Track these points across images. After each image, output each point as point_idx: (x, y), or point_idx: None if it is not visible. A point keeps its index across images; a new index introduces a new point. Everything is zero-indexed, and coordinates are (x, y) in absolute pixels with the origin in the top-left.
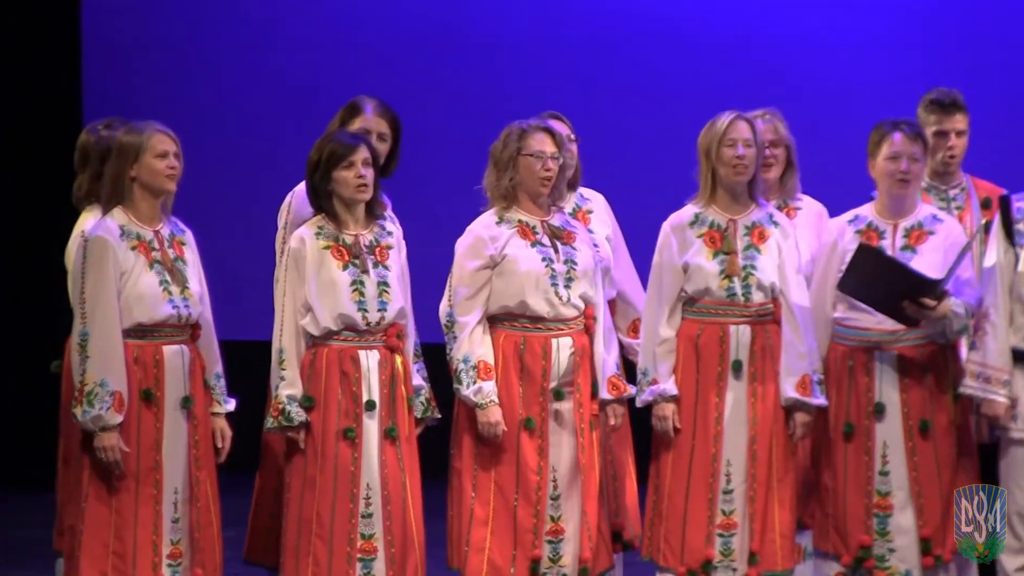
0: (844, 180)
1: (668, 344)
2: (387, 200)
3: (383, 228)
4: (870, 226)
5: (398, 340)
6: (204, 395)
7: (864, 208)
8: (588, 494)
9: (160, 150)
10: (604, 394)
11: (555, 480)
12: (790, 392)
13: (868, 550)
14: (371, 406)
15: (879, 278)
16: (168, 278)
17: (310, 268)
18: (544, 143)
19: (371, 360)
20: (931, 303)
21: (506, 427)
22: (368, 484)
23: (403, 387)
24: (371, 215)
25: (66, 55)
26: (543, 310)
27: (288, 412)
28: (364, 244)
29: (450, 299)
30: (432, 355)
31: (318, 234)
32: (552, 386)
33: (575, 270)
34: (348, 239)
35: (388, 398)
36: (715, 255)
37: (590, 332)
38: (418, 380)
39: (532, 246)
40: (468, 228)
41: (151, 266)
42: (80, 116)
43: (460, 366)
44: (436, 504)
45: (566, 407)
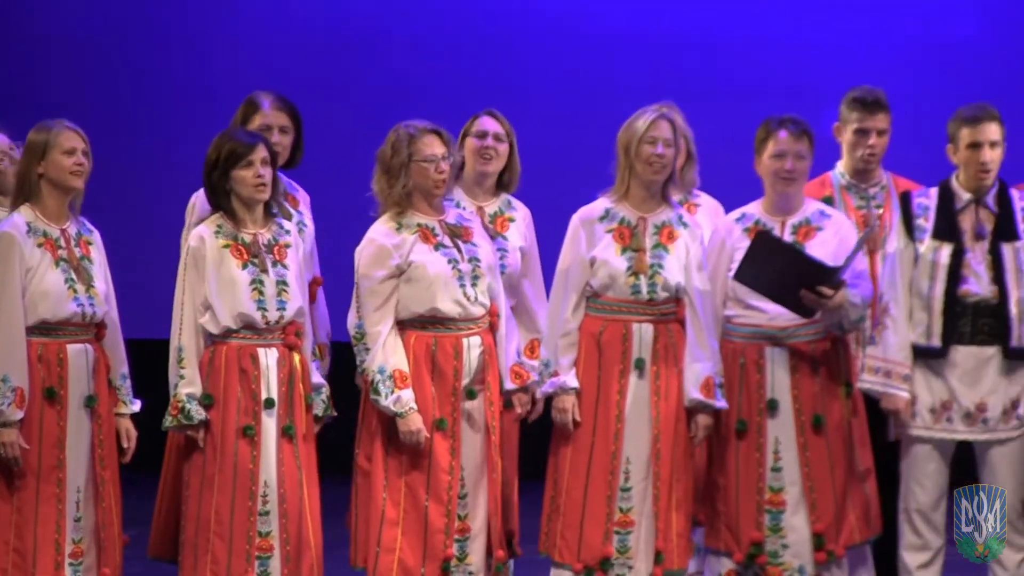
0: (742, 178)
1: (571, 336)
2: (306, 195)
3: (281, 227)
4: (757, 223)
5: (296, 338)
6: (109, 395)
7: (751, 206)
8: (495, 491)
9: (68, 147)
10: (508, 384)
11: (463, 479)
12: (694, 393)
13: (760, 546)
14: (270, 404)
15: (776, 266)
16: (74, 276)
17: (210, 266)
18: (434, 146)
19: (270, 358)
20: (828, 292)
21: (427, 433)
22: (266, 482)
23: (301, 385)
24: (269, 214)
25: None
26: (454, 312)
27: (188, 410)
28: (263, 243)
29: (358, 310)
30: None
31: (217, 233)
32: (464, 384)
33: (479, 267)
34: (247, 238)
35: (286, 396)
36: (623, 251)
37: (494, 329)
38: (317, 378)
39: (436, 249)
40: (367, 237)
41: (56, 264)
42: None
43: (376, 376)
44: None
45: (476, 406)
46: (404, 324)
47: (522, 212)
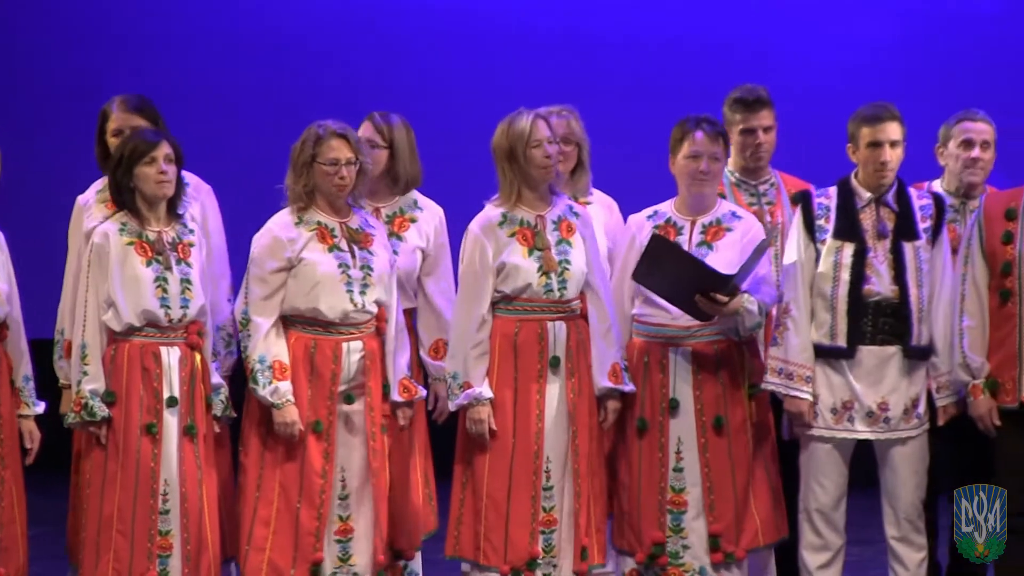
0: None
1: (482, 346)
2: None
3: (185, 226)
4: (668, 222)
5: (199, 338)
6: (11, 396)
7: (664, 204)
8: (379, 496)
9: None
10: (395, 396)
11: (344, 480)
12: (604, 381)
13: (661, 547)
14: (172, 402)
15: (672, 270)
16: None
17: (114, 264)
18: (339, 150)
19: (172, 357)
20: (722, 299)
21: (303, 427)
22: (166, 480)
23: (202, 385)
24: (173, 212)
25: None
26: (335, 316)
27: (91, 407)
28: (167, 241)
29: (246, 296)
30: None
31: (121, 230)
32: (341, 389)
33: (371, 276)
34: (151, 236)
35: (188, 395)
36: (530, 252)
37: (381, 334)
38: (216, 378)
39: (330, 251)
40: (266, 226)
41: None
42: None
43: (256, 366)
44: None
45: (356, 410)
46: (287, 321)
47: (429, 212)
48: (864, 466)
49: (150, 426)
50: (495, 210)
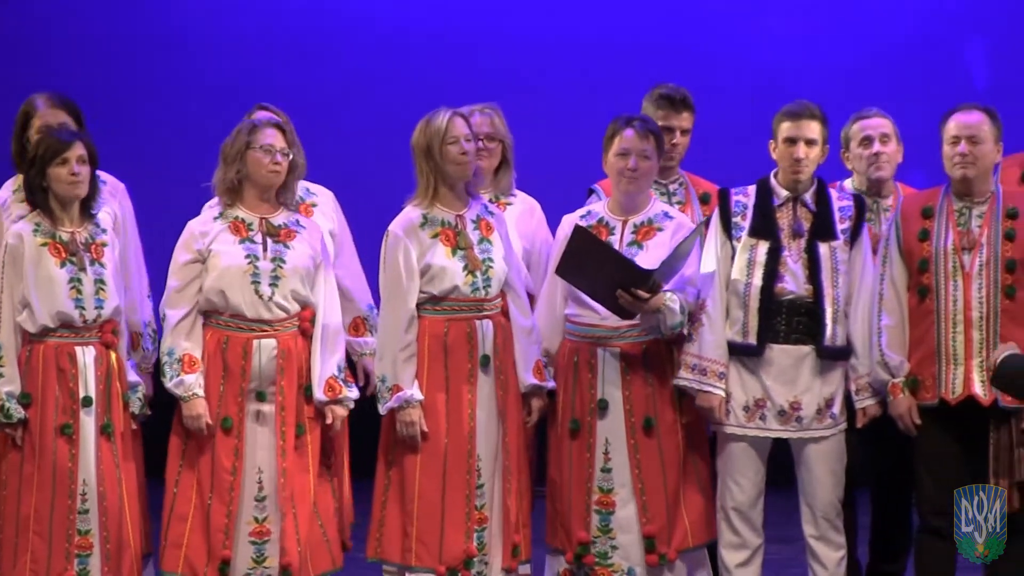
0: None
1: (410, 349)
2: (328, 193)
3: (98, 226)
4: (601, 222)
5: (113, 336)
6: None
7: (597, 204)
8: (300, 499)
9: None
10: (319, 395)
11: (260, 481)
12: (529, 379)
13: (587, 547)
14: (88, 402)
15: (593, 264)
16: None
17: (28, 264)
18: (274, 138)
19: (87, 356)
20: (644, 295)
21: (211, 421)
22: (84, 480)
23: (118, 383)
24: (87, 213)
25: None
26: (243, 308)
27: (6, 409)
28: (80, 241)
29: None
30: None
31: (35, 231)
32: (252, 387)
33: (282, 268)
34: (64, 236)
35: (104, 394)
36: (454, 252)
37: (307, 334)
38: (133, 377)
39: (240, 243)
40: (190, 222)
41: None
42: None
43: (164, 358)
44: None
45: (268, 409)
46: (205, 316)
47: (324, 196)
48: (784, 465)
49: (66, 426)
50: (415, 211)
